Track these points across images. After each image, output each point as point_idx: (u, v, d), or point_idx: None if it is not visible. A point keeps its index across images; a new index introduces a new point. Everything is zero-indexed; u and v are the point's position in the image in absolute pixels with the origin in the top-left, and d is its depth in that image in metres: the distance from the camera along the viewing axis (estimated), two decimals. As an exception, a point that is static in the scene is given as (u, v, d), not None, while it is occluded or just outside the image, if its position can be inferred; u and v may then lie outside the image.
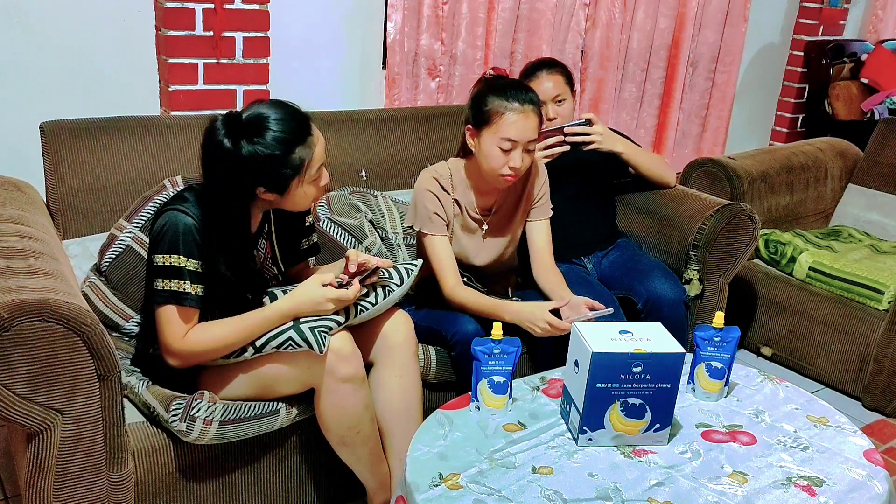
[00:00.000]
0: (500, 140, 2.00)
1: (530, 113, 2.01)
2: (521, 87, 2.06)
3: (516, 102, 2.00)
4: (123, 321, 2.05)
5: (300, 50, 2.98)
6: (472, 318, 2.10)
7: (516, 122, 1.99)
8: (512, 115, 1.99)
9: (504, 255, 2.30)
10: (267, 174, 1.72)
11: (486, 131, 2.03)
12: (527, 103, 2.01)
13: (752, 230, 2.56)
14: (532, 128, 2.02)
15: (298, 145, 1.72)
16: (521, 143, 2.01)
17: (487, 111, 2.02)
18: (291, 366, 1.79)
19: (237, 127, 1.69)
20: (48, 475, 1.55)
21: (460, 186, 2.18)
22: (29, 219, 1.89)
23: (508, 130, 1.99)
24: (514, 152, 2.01)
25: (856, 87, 4.41)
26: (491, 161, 2.04)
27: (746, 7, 4.10)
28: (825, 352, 2.93)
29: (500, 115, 2.00)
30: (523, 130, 2.00)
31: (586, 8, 3.59)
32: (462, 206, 2.18)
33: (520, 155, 2.02)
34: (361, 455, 1.89)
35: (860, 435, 1.75)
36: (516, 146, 2.01)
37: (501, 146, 2.01)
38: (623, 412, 1.60)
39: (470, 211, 2.20)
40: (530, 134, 2.02)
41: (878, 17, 4.83)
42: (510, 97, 2.00)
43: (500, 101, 2.00)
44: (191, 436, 1.72)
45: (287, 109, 1.75)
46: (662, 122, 4.06)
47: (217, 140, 1.69)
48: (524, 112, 2.00)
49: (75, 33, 2.58)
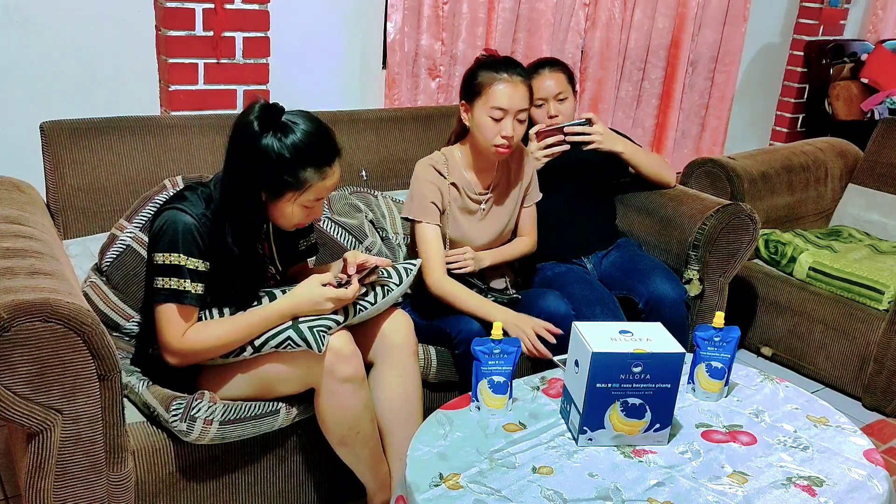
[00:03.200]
0: (490, 109, 2.07)
1: (519, 83, 2.08)
2: (510, 62, 2.13)
3: (505, 73, 2.07)
4: (124, 321, 2.05)
5: (300, 50, 2.98)
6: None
7: (505, 90, 2.06)
8: (501, 85, 2.06)
9: (503, 235, 2.33)
10: (269, 172, 1.72)
11: (477, 103, 2.10)
12: (515, 74, 2.08)
13: (753, 230, 2.56)
14: (521, 97, 2.08)
15: (311, 166, 1.74)
16: (511, 111, 2.07)
17: (478, 83, 2.10)
18: (291, 366, 1.79)
19: (272, 118, 1.72)
20: (48, 475, 1.55)
21: (456, 169, 2.23)
22: (29, 219, 1.89)
23: (499, 99, 2.06)
24: (505, 121, 2.08)
25: (856, 86, 4.41)
26: (484, 131, 2.10)
27: (746, 7, 4.10)
28: (825, 352, 2.93)
29: (490, 86, 2.07)
30: (513, 99, 2.06)
31: (586, 8, 3.59)
32: (460, 187, 2.23)
33: (511, 123, 2.08)
34: (361, 455, 1.89)
35: (860, 435, 1.75)
36: (507, 115, 2.07)
37: (493, 115, 2.07)
38: (623, 412, 1.60)
39: (468, 192, 2.24)
40: (520, 103, 2.08)
41: (878, 17, 4.83)
42: (499, 69, 2.08)
43: (489, 73, 2.08)
44: (191, 436, 1.72)
45: (322, 132, 1.77)
46: (662, 121, 4.06)
47: (248, 119, 1.72)
48: (513, 82, 2.07)
49: (75, 33, 2.58)
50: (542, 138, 2.53)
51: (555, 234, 2.61)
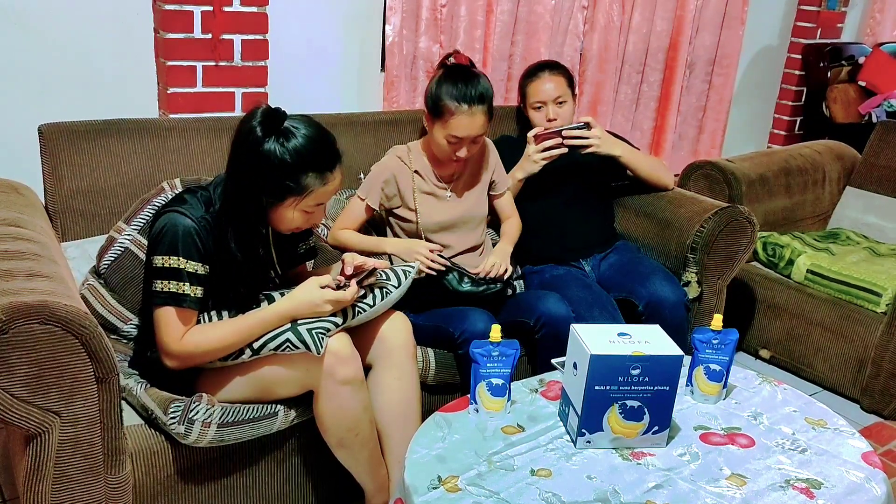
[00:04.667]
0: (448, 136, 2.22)
1: (477, 113, 2.21)
2: (472, 86, 2.21)
3: (465, 105, 2.19)
4: (122, 323, 2.05)
5: (299, 52, 2.98)
6: (482, 317, 2.12)
7: (463, 122, 2.20)
8: (461, 117, 2.19)
9: (476, 218, 2.40)
10: (271, 176, 1.72)
11: (438, 123, 2.24)
12: (475, 104, 2.20)
13: (751, 233, 2.57)
14: (478, 125, 2.22)
15: (313, 171, 1.74)
16: (467, 140, 2.22)
17: (441, 106, 2.21)
18: (290, 368, 1.79)
19: (274, 123, 1.72)
20: (46, 478, 1.55)
21: (419, 159, 2.36)
22: (27, 221, 1.89)
23: (457, 130, 2.21)
24: (461, 146, 2.24)
25: (853, 89, 4.42)
26: (440, 150, 2.28)
27: (744, 10, 4.10)
28: (823, 354, 2.94)
29: (451, 115, 2.19)
30: (469, 129, 2.21)
31: (584, 11, 3.59)
32: (423, 174, 2.35)
33: (465, 148, 2.25)
34: (360, 457, 1.89)
35: (858, 437, 1.75)
36: (463, 142, 2.23)
37: (450, 140, 2.23)
38: (621, 414, 1.60)
39: (432, 179, 2.36)
40: (476, 131, 2.23)
41: (875, 21, 4.84)
42: (460, 99, 2.19)
43: (452, 101, 2.19)
44: (189, 438, 1.72)
45: (324, 137, 1.78)
46: (660, 124, 4.06)
47: (251, 124, 1.72)
48: (471, 114, 2.19)
49: (74, 35, 2.58)
50: (541, 141, 2.54)
51: (553, 237, 2.61)
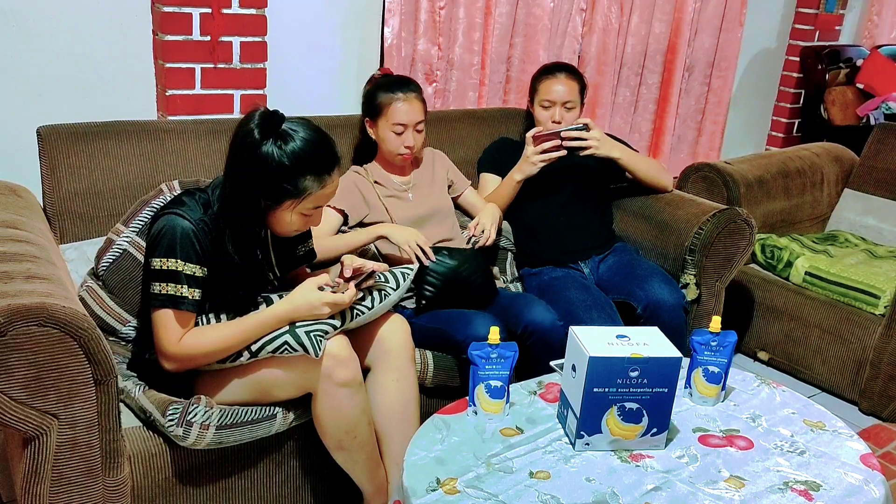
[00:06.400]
0: (393, 126, 2.35)
1: (413, 100, 2.36)
2: (404, 80, 2.41)
3: (400, 93, 2.35)
4: (120, 325, 2.04)
5: (297, 54, 2.98)
6: (485, 321, 2.10)
7: (403, 108, 2.34)
8: (400, 104, 2.34)
9: (443, 214, 2.49)
10: (269, 179, 1.72)
11: (381, 121, 2.38)
12: (409, 92, 2.36)
13: (749, 235, 2.57)
14: (417, 111, 2.37)
15: (311, 174, 1.74)
16: (410, 125, 2.35)
17: (379, 104, 2.36)
18: (288, 370, 1.78)
19: (272, 126, 1.72)
20: (44, 480, 1.54)
21: (375, 171, 2.48)
22: (26, 223, 1.89)
23: (399, 116, 2.34)
24: (405, 134, 2.36)
25: (851, 92, 4.42)
26: (389, 144, 2.38)
27: (742, 12, 4.11)
28: (822, 356, 2.94)
29: (390, 106, 2.34)
30: (409, 114, 2.35)
31: (583, 13, 3.59)
32: (382, 182, 2.45)
33: (411, 135, 2.37)
34: (358, 459, 1.89)
35: (857, 439, 1.75)
36: (407, 128, 2.36)
37: (395, 130, 2.35)
38: (620, 416, 1.60)
39: (392, 184, 2.46)
40: (417, 116, 2.37)
41: (873, 23, 4.84)
42: (395, 90, 2.35)
43: (388, 94, 2.35)
44: (187, 440, 1.72)
45: (322, 140, 1.78)
46: (658, 126, 4.07)
47: (249, 127, 1.72)
48: (408, 100, 2.35)
49: (72, 37, 2.58)
50: (539, 143, 2.53)
51: (552, 239, 2.61)
